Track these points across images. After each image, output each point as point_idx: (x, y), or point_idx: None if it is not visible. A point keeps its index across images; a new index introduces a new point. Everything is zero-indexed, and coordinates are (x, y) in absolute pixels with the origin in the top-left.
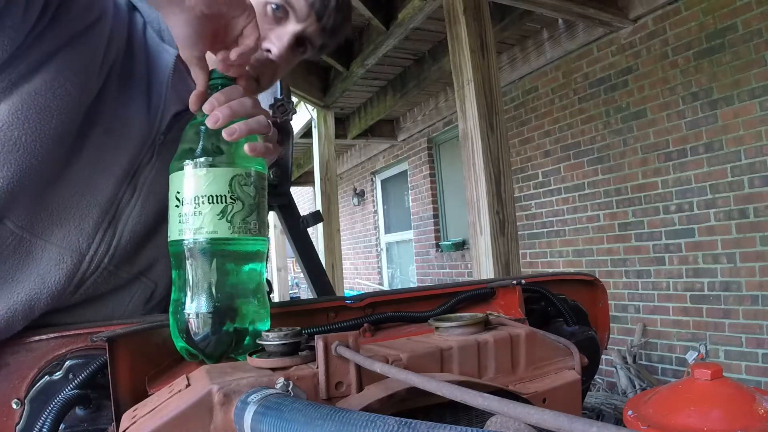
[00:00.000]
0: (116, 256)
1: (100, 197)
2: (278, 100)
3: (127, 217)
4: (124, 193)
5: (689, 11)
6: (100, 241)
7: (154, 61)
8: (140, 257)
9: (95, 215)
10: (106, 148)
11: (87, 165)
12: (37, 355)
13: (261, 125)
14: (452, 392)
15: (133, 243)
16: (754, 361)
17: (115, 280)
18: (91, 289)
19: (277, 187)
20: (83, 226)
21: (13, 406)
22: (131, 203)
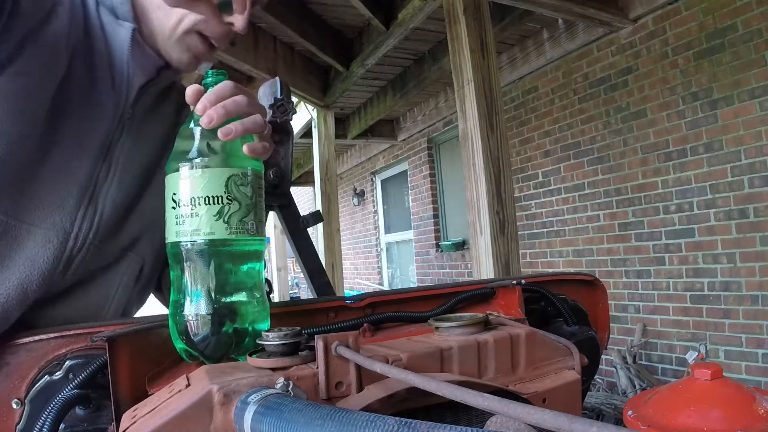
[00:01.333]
0: (100, 231)
1: (79, 176)
2: (278, 100)
3: (106, 193)
4: (101, 170)
5: (689, 11)
6: (82, 218)
7: (111, 38)
8: (123, 231)
9: (75, 194)
10: (78, 128)
11: (62, 147)
12: (37, 355)
13: (257, 124)
14: (452, 392)
15: (115, 217)
16: (754, 361)
17: (103, 256)
18: (81, 268)
19: (277, 187)
20: (65, 205)
21: (13, 406)
22: (108, 178)
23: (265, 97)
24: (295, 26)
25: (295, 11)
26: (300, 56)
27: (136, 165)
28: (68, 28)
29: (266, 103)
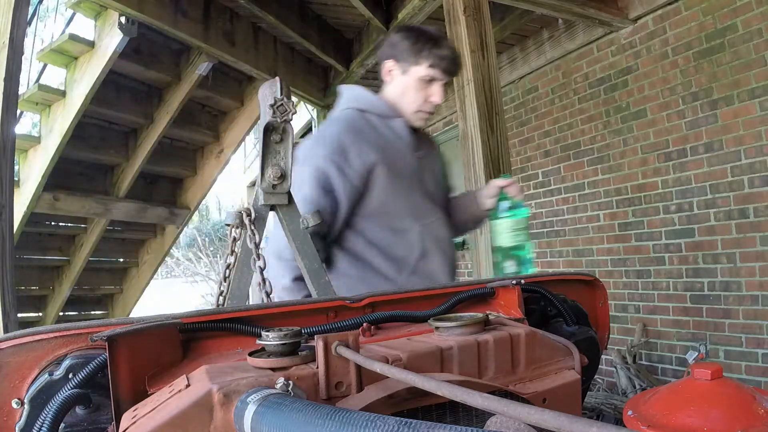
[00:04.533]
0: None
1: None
2: (278, 99)
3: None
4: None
5: (689, 11)
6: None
7: (390, 128)
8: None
9: (421, 207)
10: (409, 178)
11: (408, 188)
12: (37, 354)
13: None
14: (452, 392)
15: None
16: (754, 361)
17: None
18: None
19: (277, 187)
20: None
21: (14, 405)
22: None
23: (265, 97)
24: (295, 26)
25: (295, 11)
26: (300, 56)
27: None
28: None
29: (266, 103)
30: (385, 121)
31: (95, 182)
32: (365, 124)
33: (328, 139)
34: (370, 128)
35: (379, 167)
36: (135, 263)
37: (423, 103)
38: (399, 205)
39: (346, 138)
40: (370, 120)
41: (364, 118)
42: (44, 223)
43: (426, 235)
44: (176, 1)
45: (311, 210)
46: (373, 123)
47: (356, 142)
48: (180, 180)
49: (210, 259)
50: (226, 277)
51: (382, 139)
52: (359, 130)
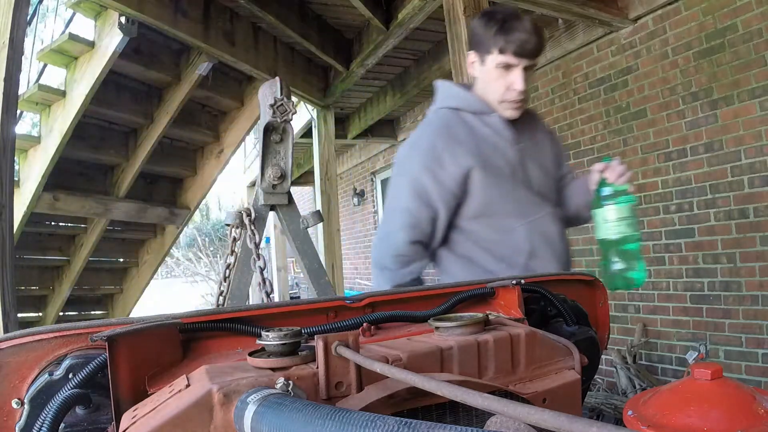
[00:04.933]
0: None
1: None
2: (278, 99)
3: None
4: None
5: (689, 11)
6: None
7: (486, 123)
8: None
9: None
10: (512, 170)
11: (511, 181)
12: (37, 354)
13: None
14: (452, 392)
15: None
16: (754, 361)
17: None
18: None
19: (277, 187)
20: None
21: (14, 405)
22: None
23: (265, 97)
24: (295, 26)
25: (295, 11)
26: (300, 56)
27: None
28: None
29: (266, 103)
30: (481, 118)
31: (95, 182)
32: (459, 125)
33: (423, 145)
34: (464, 128)
35: (475, 170)
36: (135, 263)
37: (505, 92)
38: (502, 205)
39: (440, 143)
40: (465, 119)
41: (458, 117)
42: (44, 223)
43: (533, 233)
44: (176, 1)
45: (410, 222)
46: (468, 122)
47: (450, 146)
48: (180, 180)
49: (210, 259)
50: (226, 277)
51: (477, 138)
52: (453, 132)
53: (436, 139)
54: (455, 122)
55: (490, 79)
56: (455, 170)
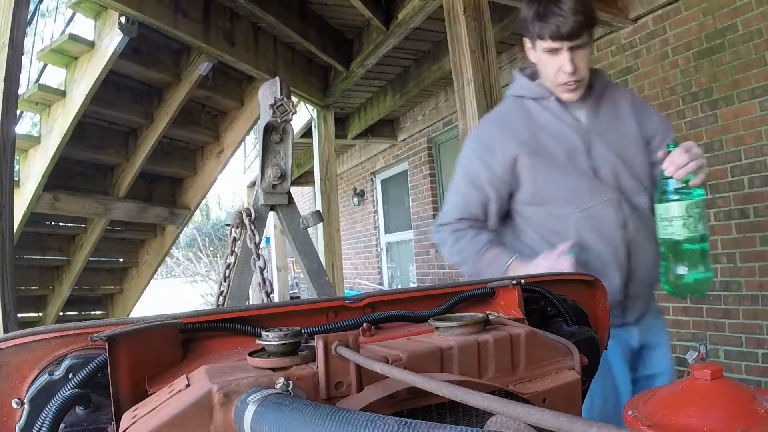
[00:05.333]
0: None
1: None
2: (278, 99)
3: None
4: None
5: (689, 11)
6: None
7: (545, 107)
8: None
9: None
10: (572, 154)
11: (562, 165)
12: (37, 354)
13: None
14: (452, 392)
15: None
16: (754, 361)
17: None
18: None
19: (277, 187)
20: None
21: (14, 405)
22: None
23: (265, 97)
24: (295, 26)
25: (295, 11)
26: (300, 56)
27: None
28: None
29: (266, 103)
30: (540, 103)
31: (95, 182)
32: (516, 112)
33: (478, 133)
34: (521, 115)
35: (524, 157)
36: (135, 263)
37: (556, 76)
38: (554, 192)
39: (493, 130)
40: (526, 105)
41: (519, 104)
42: (44, 223)
43: (584, 222)
44: (176, 1)
45: (460, 203)
46: (528, 108)
47: (502, 135)
48: (180, 180)
49: (210, 259)
50: (226, 277)
51: (533, 125)
52: (507, 120)
53: (491, 127)
54: (513, 110)
55: (542, 63)
56: (504, 158)
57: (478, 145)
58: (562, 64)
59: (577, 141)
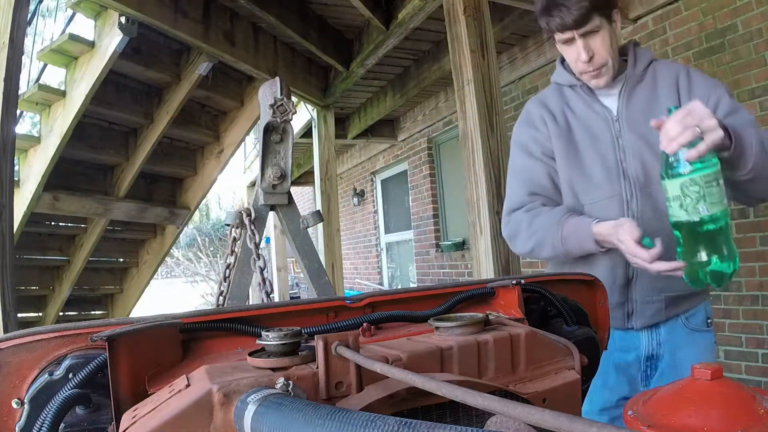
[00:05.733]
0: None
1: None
2: (278, 99)
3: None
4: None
5: (689, 11)
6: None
7: (579, 93)
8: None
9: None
10: (597, 142)
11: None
12: (37, 354)
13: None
14: (452, 392)
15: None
16: (754, 361)
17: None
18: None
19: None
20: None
21: (14, 405)
22: (626, 159)
23: (265, 97)
24: (295, 26)
25: (295, 11)
26: (300, 56)
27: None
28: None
29: (266, 103)
30: (575, 90)
31: (95, 182)
32: (555, 96)
33: (522, 115)
34: (558, 100)
35: (556, 139)
36: (135, 263)
37: (575, 65)
38: (576, 181)
39: (533, 109)
40: (563, 92)
41: (557, 90)
42: (44, 223)
43: (592, 215)
44: (176, 1)
45: (524, 177)
46: (565, 95)
47: (540, 112)
48: (180, 180)
49: (210, 259)
50: (226, 277)
51: (567, 109)
52: (545, 102)
53: (532, 107)
54: (551, 94)
55: (564, 54)
56: (543, 135)
57: (523, 123)
58: (578, 53)
59: (605, 131)
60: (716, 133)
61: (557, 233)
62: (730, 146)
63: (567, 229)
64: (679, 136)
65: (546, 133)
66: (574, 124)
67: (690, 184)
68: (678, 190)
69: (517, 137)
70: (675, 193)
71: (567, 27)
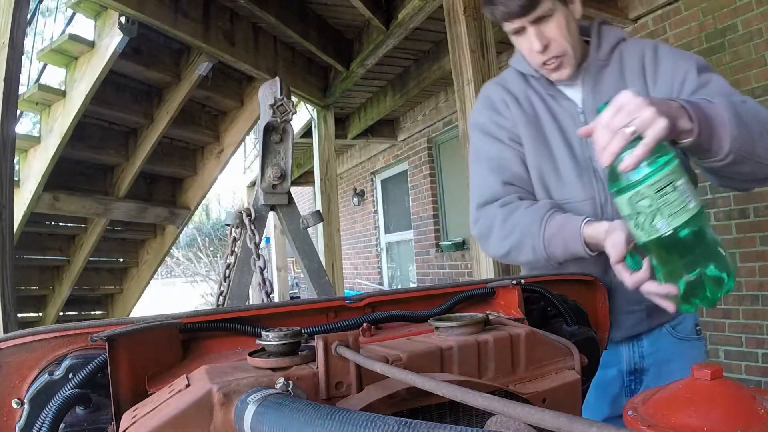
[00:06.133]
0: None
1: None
2: (278, 99)
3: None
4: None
5: (689, 11)
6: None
7: (535, 85)
8: None
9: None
10: (565, 139)
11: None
12: (37, 354)
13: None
14: (452, 392)
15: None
16: (754, 361)
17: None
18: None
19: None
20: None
21: (14, 405)
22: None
23: (265, 97)
24: (295, 26)
25: (295, 11)
26: (300, 56)
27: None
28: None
29: (266, 103)
30: (540, 82)
31: (95, 182)
32: (517, 79)
33: (478, 100)
34: (521, 83)
35: (523, 126)
36: (135, 263)
37: (530, 57)
38: (548, 176)
39: (492, 92)
40: (526, 77)
41: (519, 76)
42: (44, 223)
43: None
44: (176, 1)
45: (491, 166)
46: (528, 80)
47: (501, 95)
48: (180, 180)
49: (210, 259)
50: (226, 277)
51: (531, 93)
52: (506, 85)
53: (490, 91)
54: (512, 77)
55: (516, 46)
56: (509, 120)
57: (483, 108)
58: (531, 43)
59: (572, 126)
60: (657, 126)
61: (539, 233)
62: (692, 129)
63: (552, 228)
64: (609, 144)
65: (511, 119)
66: (540, 109)
67: (637, 197)
68: (627, 207)
69: (477, 120)
70: (626, 212)
71: (513, 15)
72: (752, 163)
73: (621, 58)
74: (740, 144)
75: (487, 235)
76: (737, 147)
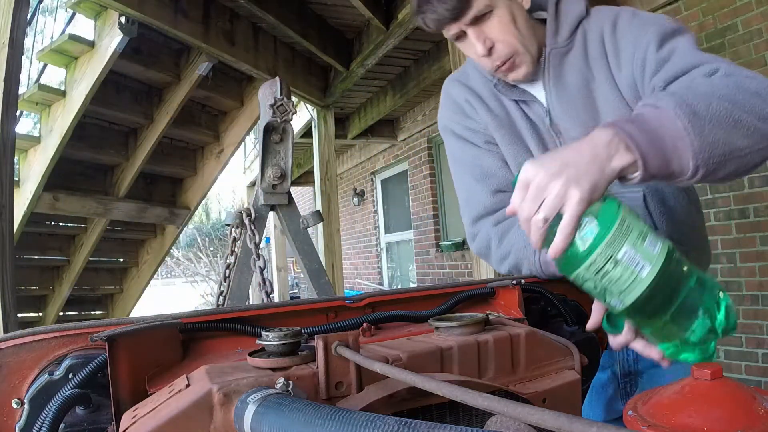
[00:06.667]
0: None
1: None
2: (278, 99)
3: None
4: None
5: (689, 11)
6: None
7: (497, 90)
8: None
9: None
10: (529, 139)
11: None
12: (37, 354)
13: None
14: (452, 392)
15: None
16: (754, 361)
17: None
18: None
19: (277, 187)
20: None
21: (14, 405)
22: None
23: (265, 97)
24: (295, 26)
25: (295, 11)
26: (300, 56)
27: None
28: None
29: (266, 103)
30: (501, 85)
31: (95, 182)
32: (481, 84)
33: (441, 102)
34: (487, 88)
35: (494, 129)
36: (135, 263)
37: (480, 62)
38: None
39: (455, 92)
40: (494, 85)
41: (484, 77)
42: (44, 223)
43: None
44: (176, 1)
45: (480, 174)
46: (495, 87)
47: (466, 95)
48: (180, 180)
49: (210, 259)
50: (226, 277)
51: (498, 95)
52: (470, 85)
53: (452, 89)
54: (474, 72)
55: (463, 51)
56: (479, 123)
57: (448, 110)
58: (475, 49)
59: (542, 126)
60: (571, 201)
61: (534, 257)
62: (635, 162)
63: (546, 254)
64: (531, 236)
65: (480, 121)
66: (513, 112)
67: (580, 280)
68: (586, 282)
69: (446, 125)
70: (586, 288)
71: (445, 20)
72: (734, 160)
73: (585, 37)
74: (709, 152)
75: (486, 254)
76: (705, 157)
